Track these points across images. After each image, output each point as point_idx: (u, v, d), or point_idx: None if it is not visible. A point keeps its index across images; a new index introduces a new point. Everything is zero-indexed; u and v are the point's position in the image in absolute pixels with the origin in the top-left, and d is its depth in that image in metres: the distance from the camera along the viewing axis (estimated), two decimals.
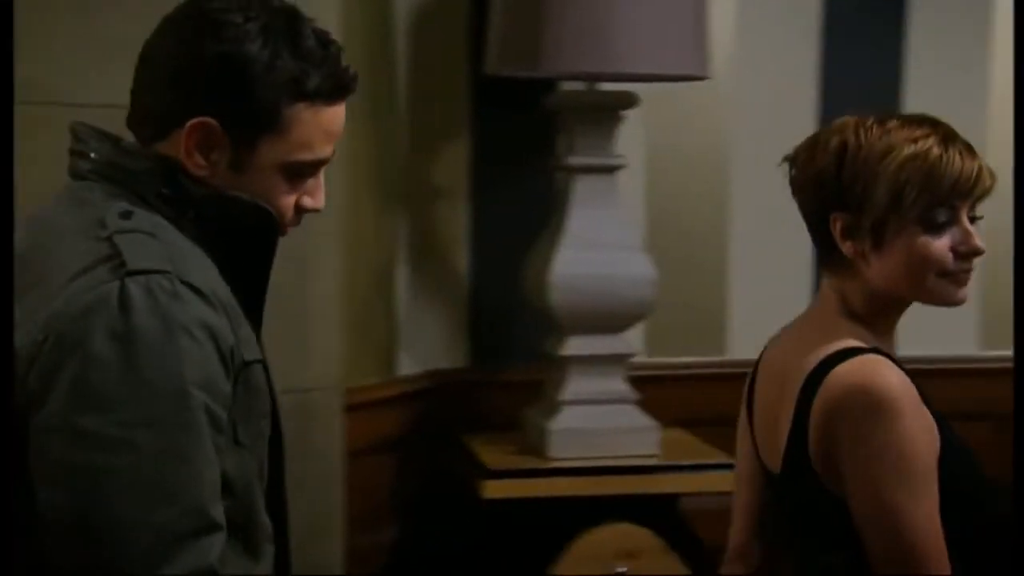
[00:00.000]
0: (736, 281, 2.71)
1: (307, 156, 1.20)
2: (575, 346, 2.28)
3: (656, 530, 2.22)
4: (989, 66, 2.76)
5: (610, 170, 2.30)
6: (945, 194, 1.29)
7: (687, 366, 2.64)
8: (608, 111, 2.28)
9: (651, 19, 2.11)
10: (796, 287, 2.69)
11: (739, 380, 1.50)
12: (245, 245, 1.20)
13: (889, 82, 2.72)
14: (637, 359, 2.37)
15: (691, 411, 2.51)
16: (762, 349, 1.49)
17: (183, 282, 1.10)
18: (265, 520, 1.22)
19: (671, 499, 2.29)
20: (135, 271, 1.08)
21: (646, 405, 2.32)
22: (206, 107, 1.16)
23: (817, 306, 1.41)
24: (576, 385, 2.28)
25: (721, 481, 2.22)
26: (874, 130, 1.32)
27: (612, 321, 2.28)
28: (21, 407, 1.08)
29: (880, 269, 1.32)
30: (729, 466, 2.20)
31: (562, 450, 2.23)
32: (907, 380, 1.30)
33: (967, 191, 1.30)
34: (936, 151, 1.29)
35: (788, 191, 1.41)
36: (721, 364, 2.62)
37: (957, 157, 1.29)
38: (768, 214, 2.66)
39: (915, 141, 1.30)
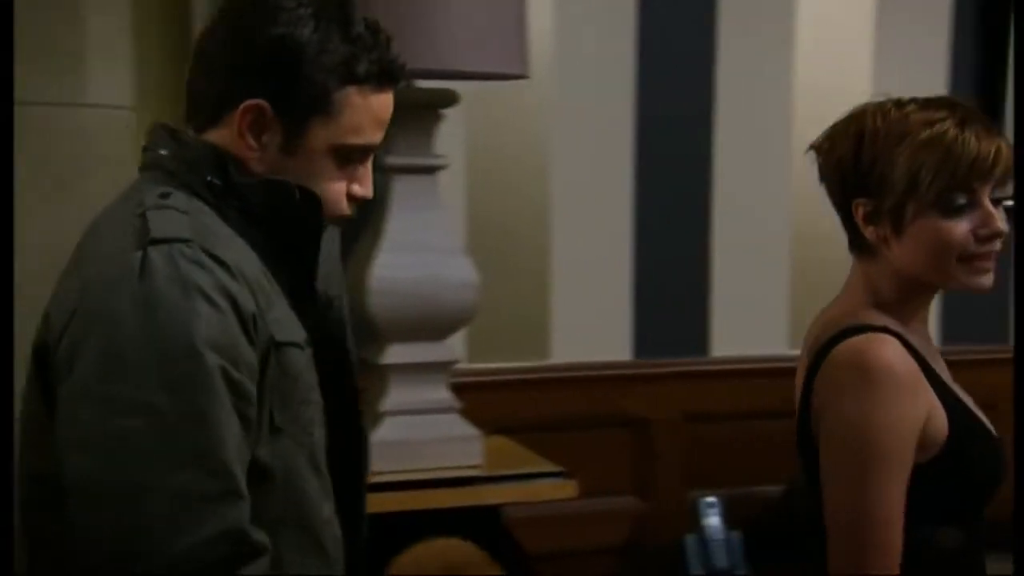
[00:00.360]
0: (558, 284, 2.69)
1: (356, 140, 1.22)
2: (396, 354, 2.20)
3: (479, 541, 2.18)
4: (792, 61, 2.84)
5: (430, 170, 2.23)
6: (962, 176, 1.28)
7: (509, 371, 2.61)
8: (427, 109, 2.21)
9: (471, 17, 2.06)
10: (617, 289, 2.70)
11: (562, 384, 1.47)
12: (291, 230, 1.21)
13: (703, 78, 2.77)
14: (459, 365, 2.31)
15: (514, 417, 2.48)
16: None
17: (205, 252, 1.12)
18: (328, 516, 1.22)
19: (494, 510, 2.25)
20: (158, 239, 1.10)
21: (468, 413, 2.26)
22: (259, 90, 1.19)
23: (846, 291, 1.40)
24: (398, 395, 2.21)
25: (545, 490, 2.20)
26: (892, 114, 1.32)
27: (434, 327, 2.21)
28: (52, 379, 1.11)
29: (902, 254, 1.32)
30: (555, 474, 2.21)
31: (384, 463, 2.15)
32: (909, 362, 1.29)
33: (985, 172, 1.28)
34: (952, 133, 1.28)
35: (609, 190, 1.38)
36: (544, 369, 2.60)
37: (973, 139, 1.28)
38: (589, 215, 2.66)
39: (931, 124, 1.29)
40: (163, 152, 1.22)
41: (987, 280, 1.32)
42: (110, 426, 1.05)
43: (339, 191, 1.24)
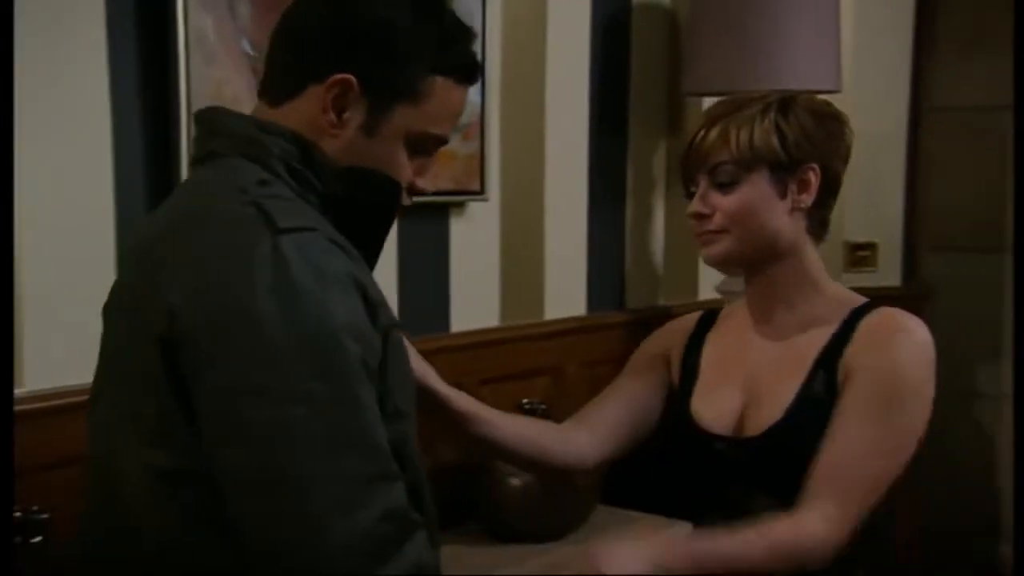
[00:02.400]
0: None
1: (434, 130, 1.21)
2: None
3: None
4: None
5: None
6: (682, 165, 1.50)
7: None
8: None
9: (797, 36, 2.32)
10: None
11: None
12: (368, 216, 1.20)
13: None
14: None
15: None
16: None
17: (329, 239, 1.10)
18: (433, 506, 1.19)
19: None
20: (286, 228, 1.07)
21: None
22: (349, 64, 1.16)
23: None
24: None
25: None
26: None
27: None
28: (187, 375, 1.07)
29: None
30: None
31: None
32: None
33: (688, 160, 1.49)
34: (695, 127, 1.51)
35: None
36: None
37: (695, 132, 1.49)
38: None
39: None
40: (238, 137, 1.18)
41: (706, 252, 1.48)
42: (268, 417, 1.03)
43: (408, 179, 1.22)
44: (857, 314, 1.48)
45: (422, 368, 1.41)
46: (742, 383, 1.52)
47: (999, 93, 3.26)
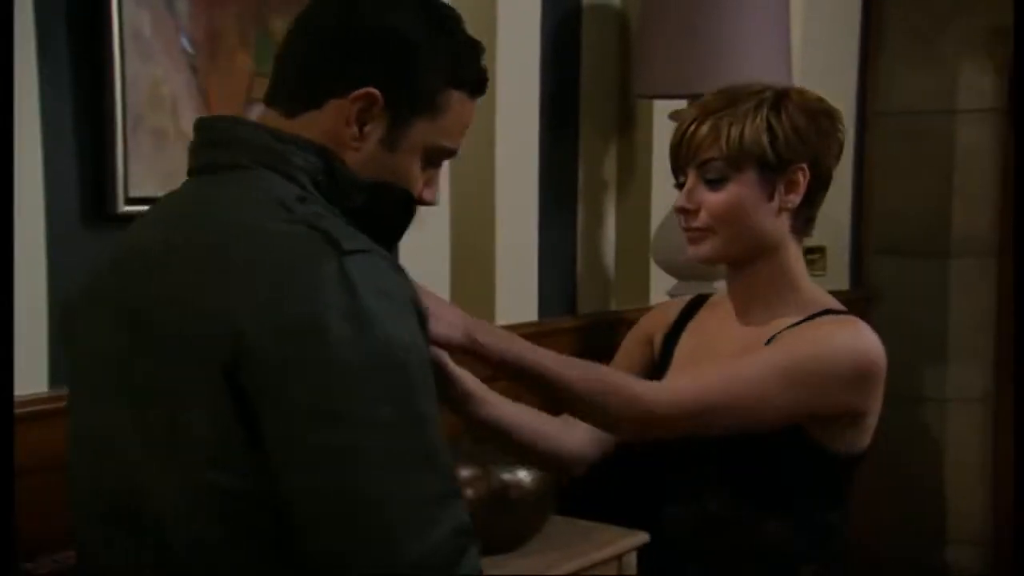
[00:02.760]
0: None
1: (448, 143, 1.23)
2: None
3: None
4: None
5: None
6: (671, 160, 1.48)
7: None
8: None
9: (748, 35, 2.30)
10: None
11: None
12: (386, 230, 1.21)
13: None
14: None
15: None
16: None
17: (385, 259, 1.12)
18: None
19: None
20: (350, 251, 1.08)
21: None
22: (373, 79, 1.17)
23: None
24: None
25: None
26: None
27: None
28: (252, 398, 1.06)
29: None
30: None
31: None
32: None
33: (674, 156, 1.48)
34: (680, 120, 1.49)
35: None
36: None
37: (681, 125, 1.47)
38: None
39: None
40: (257, 148, 1.17)
41: (693, 251, 1.47)
42: (343, 441, 1.04)
43: (420, 191, 1.24)
44: (823, 314, 1.45)
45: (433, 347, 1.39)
46: None
47: (945, 98, 3.29)
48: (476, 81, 1.23)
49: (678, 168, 1.48)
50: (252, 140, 1.18)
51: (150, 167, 1.77)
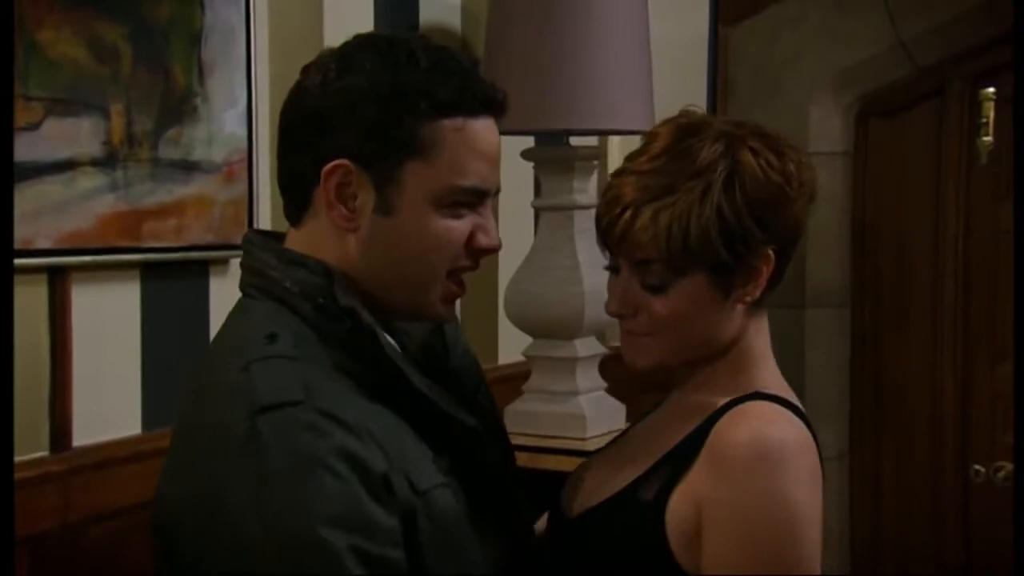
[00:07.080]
0: None
1: (461, 181, 1.10)
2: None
3: None
4: None
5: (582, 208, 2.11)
6: (598, 233, 1.23)
7: None
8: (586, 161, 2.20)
9: (620, 79, 2.12)
10: None
11: None
12: (371, 353, 1.11)
13: None
14: None
15: None
16: None
17: (320, 411, 1.01)
18: None
19: None
20: (267, 407, 1.01)
21: None
22: (334, 149, 1.09)
23: None
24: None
25: None
26: None
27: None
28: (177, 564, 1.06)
29: None
30: None
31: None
32: None
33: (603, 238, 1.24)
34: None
35: None
36: None
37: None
38: None
39: None
40: (269, 273, 1.12)
41: (631, 359, 1.23)
42: None
43: (454, 243, 1.11)
44: (726, 408, 1.20)
45: None
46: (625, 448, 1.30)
47: (796, 142, 3.19)
48: (471, 100, 1.10)
49: (607, 249, 1.23)
50: (256, 265, 1.14)
51: None
